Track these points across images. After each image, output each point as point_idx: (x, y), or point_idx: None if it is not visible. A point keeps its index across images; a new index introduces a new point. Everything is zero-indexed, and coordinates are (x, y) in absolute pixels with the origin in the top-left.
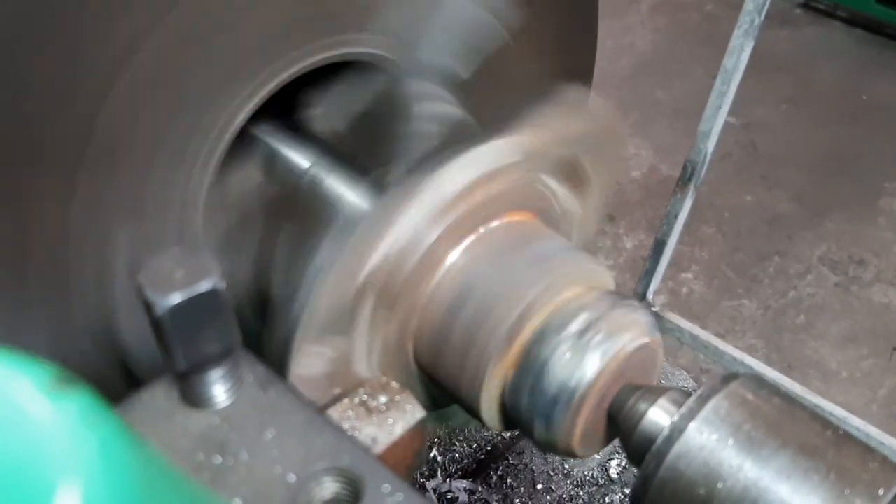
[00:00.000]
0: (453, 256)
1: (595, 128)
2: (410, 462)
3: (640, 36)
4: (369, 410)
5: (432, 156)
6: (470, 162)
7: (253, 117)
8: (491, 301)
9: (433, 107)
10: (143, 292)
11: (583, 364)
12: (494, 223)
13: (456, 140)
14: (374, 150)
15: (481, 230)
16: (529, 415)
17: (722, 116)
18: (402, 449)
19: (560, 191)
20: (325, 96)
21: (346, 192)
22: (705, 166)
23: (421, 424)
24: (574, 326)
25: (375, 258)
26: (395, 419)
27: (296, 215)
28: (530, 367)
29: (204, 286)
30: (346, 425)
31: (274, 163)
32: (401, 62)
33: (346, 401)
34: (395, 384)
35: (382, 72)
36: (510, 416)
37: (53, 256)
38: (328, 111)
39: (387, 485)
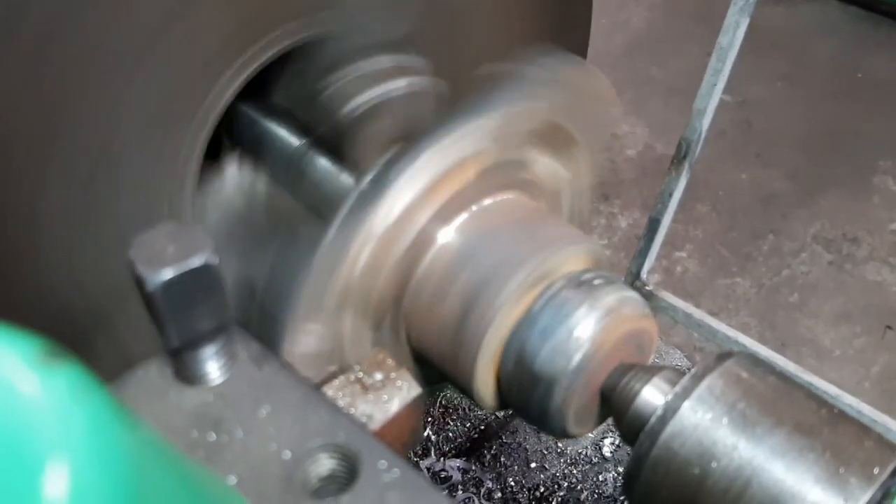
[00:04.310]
0: (445, 235)
1: (576, 89)
2: (406, 439)
3: (635, 13)
4: (365, 388)
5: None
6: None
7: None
8: (483, 279)
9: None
10: (135, 268)
11: (577, 342)
12: (487, 201)
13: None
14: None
15: (473, 208)
16: (523, 393)
17: (717, 94)
18: (397, 426)
19: (545, 162)
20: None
21: (335, 171)
22: (700, 144)
23: (416, 401)
24: (567, 305)
25: (364, 239)
26: (390, 396)
27: (287, 193)
28: (524, 345)
29: (196, 261)
30: (341, 402)
31: (263, 141)
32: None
33: (341, 378)
34: (390, 361)
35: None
36: (504, 395)
37: None
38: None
39: (383, 461)
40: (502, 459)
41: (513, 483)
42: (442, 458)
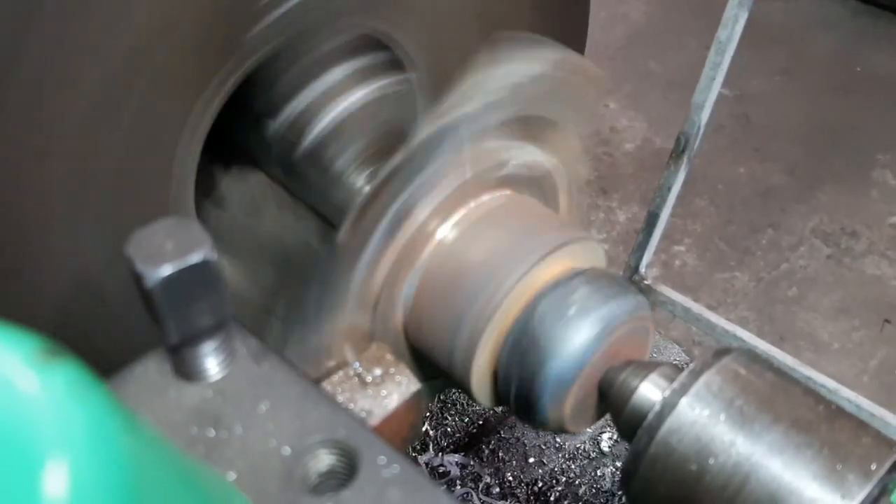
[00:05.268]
0: (443, 231)
1: (555, 71)
2: (406, 434)
3: (634, 7)
4: (364, 383)
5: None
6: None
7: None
8: (481, 276)
9: None
10: (133, 264)
11: (574, 339)
12: (485, 197)
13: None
14: None
15: (472, 204)
16: (520, 390)
17: (716, 88)
18: (397, 421)
19: (528, 151)
20: None
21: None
22: (699, 138)
23: (416, 397)
24: (565, 301)
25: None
26: (389, 391)
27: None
28: (521, 341)
29: (195, 257)
30: (340, 398)
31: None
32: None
33: (340, 373)
34: (389, 356)
35: None
36: (501, 391)
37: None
38: None
39: (383, 457)
40: (500, 454)
41: (511, 478)
42: (440, 454)
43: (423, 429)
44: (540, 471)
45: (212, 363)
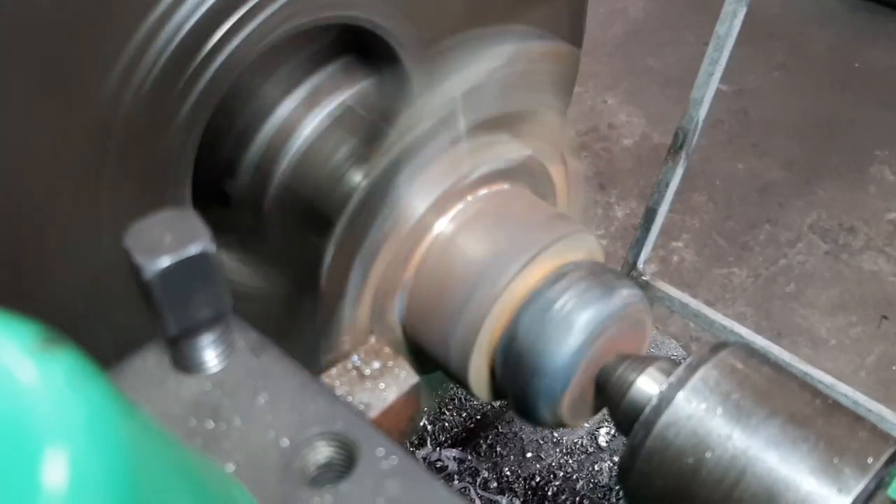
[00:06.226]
0: (441, 225)
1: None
2: (404, 427)
3: (632, 2)
4: (362, 376)
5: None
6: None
7: None
8: (479, 270)
9: None
10: (131, 256)
11: (572, 333)
12: (483, 191)
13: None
14: None
15: (469, 198)
16: (518, 384)
17: (714, 84)
18: (395, 414)
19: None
20: None
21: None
22: (697, 134)
23: (414, 390)
24: (563, 296)
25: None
26: (387, 385)
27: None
28: (519, 336)
29: (193, 249)
30: (339, 391)
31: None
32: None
33: (339, 366)
34: (388, 349)
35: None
36: (498, 386)
37: None
38: None
39: (381, 448)
40: (498, 449)
41: (509, 473)
42: (438, 448)
43: (421, 423)
44: (537, 465)
45: (210, 355)
